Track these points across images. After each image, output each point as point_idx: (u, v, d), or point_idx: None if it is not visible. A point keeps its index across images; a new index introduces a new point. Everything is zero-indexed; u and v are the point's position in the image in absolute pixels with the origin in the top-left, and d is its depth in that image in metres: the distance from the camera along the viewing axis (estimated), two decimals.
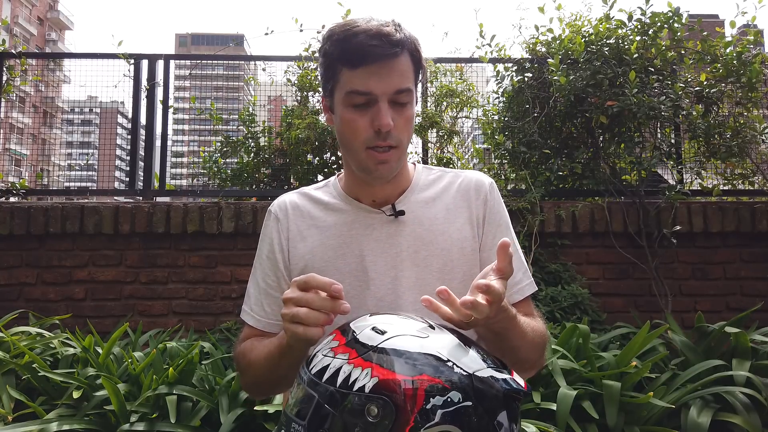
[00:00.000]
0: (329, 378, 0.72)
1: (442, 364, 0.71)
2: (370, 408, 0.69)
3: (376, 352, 0.72)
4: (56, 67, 4.93)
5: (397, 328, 0.76)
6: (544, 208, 3.35)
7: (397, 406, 0.68)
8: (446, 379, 0.70)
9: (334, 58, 1.00)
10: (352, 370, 0.71)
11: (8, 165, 5.41)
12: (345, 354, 0.74)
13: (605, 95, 3.31)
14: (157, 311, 3.31)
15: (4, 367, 2.43)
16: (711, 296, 3.36)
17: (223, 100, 5.59)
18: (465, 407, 0.69)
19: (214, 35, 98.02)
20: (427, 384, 0.69)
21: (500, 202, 1.13)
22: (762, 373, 2.40)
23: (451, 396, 0.69)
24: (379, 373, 0.70)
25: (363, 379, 0.70)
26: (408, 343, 0.73)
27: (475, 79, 4.22)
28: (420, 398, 0.68)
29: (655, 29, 3.47)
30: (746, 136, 3.44)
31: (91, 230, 3.30)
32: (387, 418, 0.68)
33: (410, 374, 0.69)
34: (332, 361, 0.74)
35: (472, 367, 0.72)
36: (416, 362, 0.70)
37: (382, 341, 0.73)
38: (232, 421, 2.17)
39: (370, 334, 0.75)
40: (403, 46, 0.99)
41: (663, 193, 3.34)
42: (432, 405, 0.68)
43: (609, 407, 2.21)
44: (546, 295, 3.09)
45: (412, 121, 1.04)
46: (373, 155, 1.00)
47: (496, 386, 0.71)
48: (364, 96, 0.98)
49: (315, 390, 0.73)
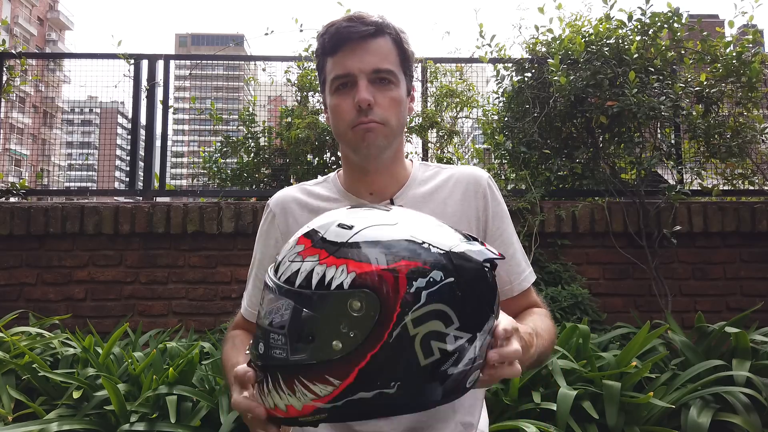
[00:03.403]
0: (303, 282, 0.70)
1: (418, 246, 0.70)
2: (353, 303, 0.67)
3: (348, 248, 0.70)
4: (56, 67, 4.93)
5: (364, 220, 0.74)
6: (544, 208, 3.35)
7: (380, 295, 0.66)
8: (425, 261, 0.69)
9: (320, 52, 1.05)
10: (325, 269, 0.69)
11: (8, 165, 5.41)
12: (314, 255, 0.71)
13: (605, 95, 3.31)
14: (157, 311, 3.31)
15: (4, 367, 2.43)
16: (711, 296, 3.36)
17: (223, 100, 5.59)
18: (448, 284, 0.69)
19: (214, 35, 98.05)
20: (406, 269, 0.68)
21: (499, 194, 1.15)
22: (762, 373, 2.40)
23: (433, 276, 0.68)
24: (355, 267, 0.68)
25: (340, 277, 0.68)
26: (378, 232, 0.71)
27: (475, 79, 4.22)
28: (402, 283, 0.67)
29: (655, 29, 3.47)
30: (746, 136, 3.44)
31: (91, 230, 3.30)
32: (372, 309, 0.67)
33: (388, 262, 0.68)
34: (302, 265, 0.71)
35: (446, 244, 0.71)
36: (391, 249, 0.69)
37: (351, 236, 0.71)
38: (232, 421, 2.16)
39: (337, 231, 0.72)
40: (379, 28, 1.01)
41: (663, 193, 3.34)
42: (415, 288, 0.67)
43: (609, 407, 2.21)
44: (546, 295, 3.09)
45: (400, 104, 1.04)
46: (357, 130, 1.01)
47: (473, 259, 0.71)
48: (344, 78, 1.01)
49: (289, 296, 0.70)
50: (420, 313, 0.67)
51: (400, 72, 1.05)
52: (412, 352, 0.67)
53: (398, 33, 1.05)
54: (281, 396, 0.72)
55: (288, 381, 0.70)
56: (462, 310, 0.69)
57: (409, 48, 1.07)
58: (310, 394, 0.69)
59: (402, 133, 1.11)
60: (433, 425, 1.01)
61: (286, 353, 0.70)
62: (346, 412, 0.70)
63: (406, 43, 1.06)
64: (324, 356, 0.68)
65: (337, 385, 0.68)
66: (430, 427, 1.00)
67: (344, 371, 0.68)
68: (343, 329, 0.67)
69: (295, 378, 0.70)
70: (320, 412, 0.70)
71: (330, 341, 0.67)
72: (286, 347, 0.70)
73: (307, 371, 0.69)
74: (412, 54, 1.08)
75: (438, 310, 0.68)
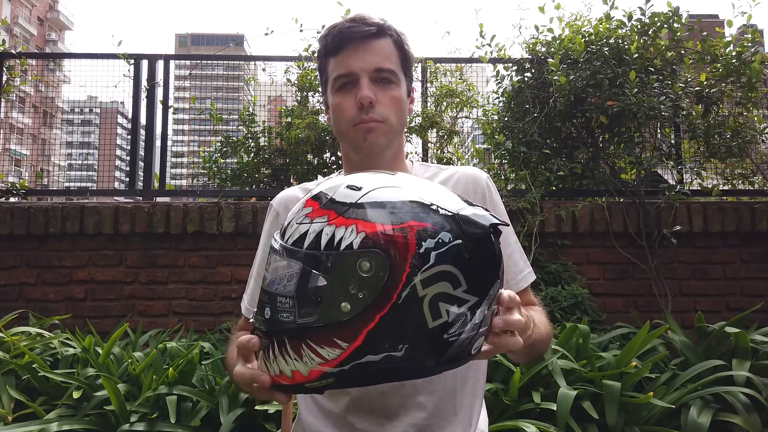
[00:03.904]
0: (312, 243, 0.69)
1: (426, 208, 0.70)
2: (362, 263, 0.66)
3: (357, 208, 0.69)
4: (56, 67, 4.93)
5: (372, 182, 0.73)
6: (544, 208, 3.35)
7: (390, 255, 0.66)
8: (433, 222, 0.69)
9: (322, 53, 1.07)
10: (335, 230, 0.68)
11: (8, 165, 5.41)
12: (323, 216, 0.70)
13: (605, 95, 3.31)
14: (157, 311, 3.31)
15: (4, 367, 2.43)
16: (711, 296, 3.36)
17: (223, 100, 5.58)
18: (456, 246, 0.68)
19: (214, 35, 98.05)
20: (416, 229, 0.67)
21: (497, 194, 1.16)
22: (762, 373, 2.40)
23: (442, 237, 0.68)
24: (364, 227, 0.67)
25: (349, 237, 0.67)
26: (387, 194, 0.71)
27: (475, 79, 4.22)
28: (412, 244, 0.67)
29: (655, 29, 3.47)
30: (746, 136, 3.44)
31: (91, 230, 3.30)
32: (381, 269, 0.66)
33: (397, 222, 0.68)
34: (311, 226, 0.70)
35: (453, 207, 0.71)
36: (400, 210, 0.69)
37: (360, 197, 0.70)
38: (232, 421, 2.17)
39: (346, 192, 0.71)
40: (381, 29, 1.03)
41: (663, 193, 3.35)
42: (425, 249, 0.67)
43: (609, 407, 2.21)
44: (546, 295, 3.09)
45: (401, 103, 1.06)
46: (359, 128, 1.03)
47: (479, 223, 0.71)
48: (346, 77, 1.02)
49: (297, 258, 0.69)
50: (429, 273, 0.67)
51: (401, 72, 1.07)
52: (420, 313, 0.67)
53: (399, 35, 1.07)
54: (287, 361, 0.71)
55: (295, 345, 0.70)
56: (469, 272, 0.69)
57: (409, 50, 1.09)
58: (317, 358, 0.69)
59: (402, 132, 1.12)
60: (435, 423, 1.01)
61: (293, 316, 0.69)
62: (352, 376, 0.70)
63: (407, 45, 1.08)
64: (332, 318, 0.67)
65: (345, 347, 0.68)
66: (432, 426, 1.01)
67: (353, 333, 0.67)
68: (352, 290, 0.67)
69: (302, 342, 0.69)
70: (327, 376, 0.70)
71: (339, 303, 0.67)
72: (293, 310, 0.69)
73: (315, 334, 0.68)
74: (412, 56, 1.10)
75: (446, 271, 0.68)
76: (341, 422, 1.03)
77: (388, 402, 1.01)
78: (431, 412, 1.01)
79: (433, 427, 1.01)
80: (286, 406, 1.20)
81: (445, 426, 1.02)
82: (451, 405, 1.03)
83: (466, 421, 1.05)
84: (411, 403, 1.01)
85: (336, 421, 1.04)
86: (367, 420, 1.01)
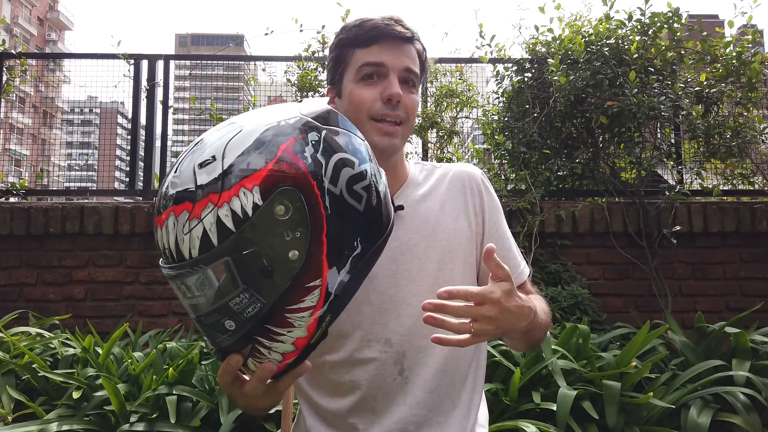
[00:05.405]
0: (220, 234, 0.65)
1: (278, 128, 0.71)
2: (277, 209, 0.66)
3: (228, 174, 0.66)
4: (56, 67, 4.94)
5: (215, 144, 0.70)
6: (544, 208, 3.35)
7: (292, 183, 0.67)
8: (295, 134, 0.70)
9: (346, 43, 1.06)
10: (230, 205, 0.65)
11: (8, 165, 5.41)
12: (206, 206, 0.66)
13: (605, 95, 3.31)
14: (157, 311, 3.31)
15: (4, 367, 2.43)
16: (711, 296, 3.36)
17: (223, 100, 5.59)
18: (326, 136, 0.72)
19: (214, 35, 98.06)
20: (290, 149, 0.69)
21: (492, 189, 1.18)
22: (762, 374, 2.40)
23: (311, 138, 0.71)
24: (252, 181, 0.66)
25: (247, 200, 0.66)
26: (239, 141, 0.69)
27: (475, 79, 4.23)
28: (299, 161, 0.68)
29: (655, 29, 3.47)
30: (746, 136, 3.44)
31: (91, 230, 3.30)
32: (295, 200, 0.67)
33: (272, 155, 0.67)
34: (202, 223, 0.66)
35: (293, 113, 0.74)
36: (264, 144, 0.68)
37: (221, 164, 0.67)
38: (232, 422, 2.17)
39: (204, 171, 0.68)
40: (413, 36, 1.07)
41: (663, 193, 3.35)
42: (310, 157, 0.69)
43: (609, 407, 2.21)
44: (546, 295, 3.09)
45: (416, 108, 1.09)
46: (378, 127, 1.03)
47: (320, 109, 0.75)
48: (375, 66, 1.03)
49: (219, 258, 0.66)
50: (330, 172, 0.70)
51: (420, 78, 1.10)
52: (349, 207, 0.71)
53: (424, 49, 1.11)
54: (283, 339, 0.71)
55: (280, 320, 0.70)
56: (353, 146, 0.74)
57: (426, 64, 1.13)
58: (304, 313, 0.70)
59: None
60: (433, 419, 1.03)
61: (259, 302, 0.68)
62: (343, 296, 0.72)
63: (426, 60, 1.12)
64: (292, 272, 0.68)
65: (319, 283, 0.69)
66: (429, 421, 1.03)
67: (316, 267, 0.69)
68: (287, 237, 0.67)
69: (282, 313, 0.69)
70: (323, 318, 0.71)
71: (285, 257, 0.67)
72: (255, 297, 0.68)
73: (288, 298, 0.69)
74: (427, 70, 1.14)
75: (339, 159, 0.71)
76: (342, 423, 1.04)
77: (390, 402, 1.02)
78: (429, 407, 1.03)
79: (431, 422, 1.03)
80: (286, 407, 1.20)
81: (442, 420, 1.04)
82: (449, 401, 1.05)
83: (464, 415, 1.07)
84: (411, 401, 1.02)
85: (336, 421, 1.05)
86: (368, 419, 1.03)
